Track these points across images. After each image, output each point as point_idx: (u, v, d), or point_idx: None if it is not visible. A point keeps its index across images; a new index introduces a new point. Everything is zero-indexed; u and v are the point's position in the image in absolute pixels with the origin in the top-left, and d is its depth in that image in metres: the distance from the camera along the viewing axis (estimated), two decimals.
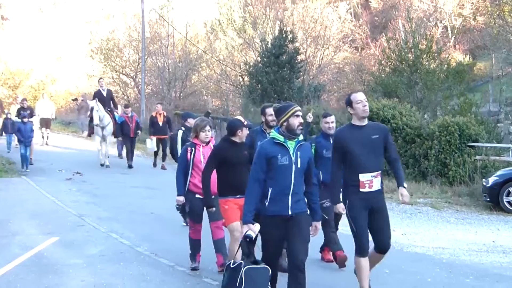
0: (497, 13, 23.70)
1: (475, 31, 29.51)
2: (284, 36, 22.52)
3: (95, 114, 14.53)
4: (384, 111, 14.15)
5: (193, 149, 6.07)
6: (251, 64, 23.89)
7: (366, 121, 4.94)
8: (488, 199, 10.89)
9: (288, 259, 4.60)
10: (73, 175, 13.38)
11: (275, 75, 21.70)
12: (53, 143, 19.42)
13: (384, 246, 4.90)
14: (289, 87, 21.71)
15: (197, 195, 6.01)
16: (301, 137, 4.61)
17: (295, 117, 4.51)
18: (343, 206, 4.84)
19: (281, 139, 4.50)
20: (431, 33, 22.37)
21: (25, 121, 13.89)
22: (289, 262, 4.55)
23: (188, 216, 6.36)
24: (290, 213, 4.49)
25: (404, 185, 4.97)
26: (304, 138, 5.07)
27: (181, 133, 8.12)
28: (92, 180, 12.85)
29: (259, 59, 23.55)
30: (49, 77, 33.61)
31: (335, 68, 30.91)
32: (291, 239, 4.50)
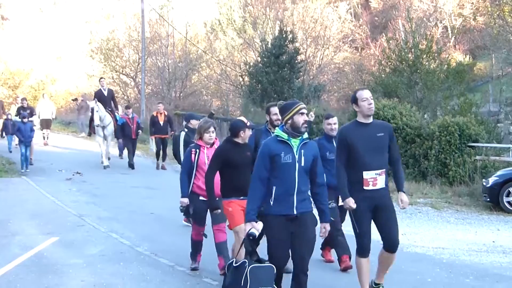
0: (497, 13, 23.69)
1: (475, 31, 29.50)
2: (284, 36, 22.52)
3: (96, 114, 14.52)
4: (384, 111, 14.15)
5: (197, 151, 6.03)
6: (251, 64, 23.90)
7: (371, 119, 4.90)
8: (488, 199, 10.89)
9: (292, 260, 4.52)
10: (73, 175, 13.38)
11: (275, 75, 21.70)
12: (53, 143, 19.42)
13: (391, 243, 4.80)
14: (289, 87, 21.71)
15: (201, 197, 5.96)
16: (306, 135, 4.53)
17: (300, 114, 4.44)
18: (353, 200, 4.73)
19: (285, 137, 4.44)
20: (431, 33, 22.36)
21: (25, 121, 13.86)
22: (294, 263, 4.49)
23: (191, 218, 6.31)
24: (295, 212, 4.41)
25: (403, 190, 4.94)
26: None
27: (183, 135, 8.11)
28: (92, 180, 12.85)
29: (259, 59, 23.56)
30: (49, 77, 33.60)
31: (335, 68, 30.91)
32: (296, 240, 4.42)
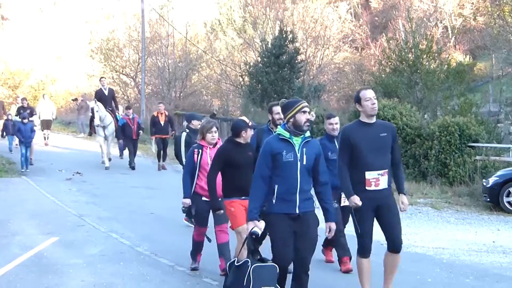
0: (497, 13, 23.68)
1: (475, 31, 29.50)
2: (284, 36, 22.52)
3: (96, 114, 14.49)
4: (384, 111, 14.14)
5: (200, 151, 5.98)
6: (251, 64, 23.90)
7: (374, 119, 4.86)
8: (488, 199, 10.88)
9: (294, 260, 4.48)
10: (73, 175, 13.38)
11: (275, 75, 21.70)
12: (53, 143, 19.42)
13: (394, 243, 4.74)
14: (289, 87, 21.70)
15: (203, 198, 5.92)
16: (308, 134, 4.49)
17: (302, 113, 4.40)
18: (358, 197, 4.64)
19: (287, 135, 4.41)
20: (431, 33, 22.35)
21: (25, 122, 13.82)
22: (295, 263, 4.47)
23: (193, 219, 6.26)
24: (297, 211, 4.38)
25: (404, 192, 4.91)
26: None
27: (184, 135, 8.07)
28: (92, 180, 12.85)
29: (259, 59, 23.56)
30: (49, 77, 33.61)
31: (335, 68, 30.91)
32: (298, 240, 4.39)
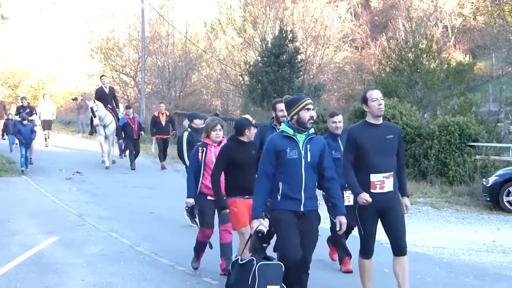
0: (497, 12, 23.69)
1: (475, 31, 29.50)
2: (284, 35, 22.54)
3: (95, 114, 14.43)
4: (384, 110, 14.14)
5: (204, 149, 5.90)
6: (251, 63, 23.91)
7: (381, 120, 4.79)
8: (488, 199, 10.88)
9: None
10: (73, 174, 13.37)
11: (275, 75, 21.71)
12: (53, 143, 19.41)
13: (398, 246, 4.68)
14: (289, 87, 21.71)
15: (208, 197, 5.83)
16: (312, 131, 4.43)
17: (306, 110, 4.35)
18: (367, 194, 4.55)
19: (291, 132, 4.37)
20: (431, 33, 22.35)
21: (25, 123, 13.76)
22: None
23: (198, 219, 6.16)
24: (302, 209, 4.34)
25: (407, 195, 4.88)
26: None
27: (186, 135, 8.03)
28: (92, 179, 12.85)
29: (259, 59, 23.58)
30: (49, 76, 33.65)
31: (335, 67, 30.94)
32: (300, 239, 4.35)
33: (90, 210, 9.61)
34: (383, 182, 4.62)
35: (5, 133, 17.56)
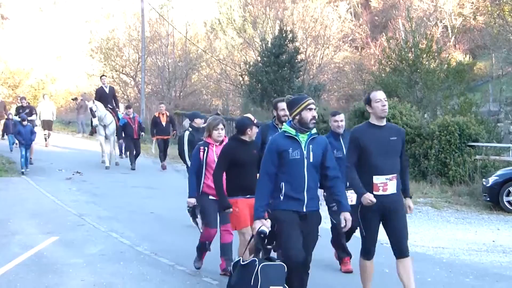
0: (497, 12, 23.70)
1: (475, 31, 29.51)
2: (284, 35, 22.54)
3: (95, 114, 14.41)
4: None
5: (206, 149, 5.85)
6: (251, 63, 23.92)
7: (384, 122, 4.73)
8: (488, 199, 10.89)
9: None
10: (73, 174, 13.37)
11: (275, 75, 21.72)
12: (53, 143, 19.39)
13: (400, 249, 4.65)
14: (289, 87, 21.71)
15: (210, 197, 5.80)
16: (314, 131, 4.39)
17: (308, 110, 4.32)
18: (371, 194, 4.50)
19: (293, 132, 4.33)
20: (431, 33, 22.36)
21: (25, 124, 13.74)
22: None
23: (201, 219, 6.12)
24: (304, 210, 4.32)
25: (410, 196, 4.86)
26: None
27: (187, 134, 8.01)
28: (92, 179, 12.84)
29: (259, 59, 23.59)
30: (49, 76, 33.64)
31: (335, 67, 30.96)
32: (302, 239, 4.32)
33: (90, 210, 9.61)
34: (385, 184, 4.59)
35: (5, 133, 17.54)
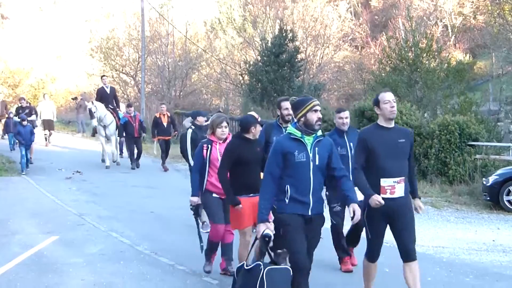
0: (497, 12, 23.71)
1: (475, 30, 29.52)
2: (284, 35, 22.52)
3: (94, 115, 14.38)
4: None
5: (209, 146, 5.81)
6: (251, 63, 23.90)
7: (393, 123, 4.67)
8: (488, 198, 10.88)
9: None
10: (73, 174, 13.36)
11: (275, 74, 21.70)
12: (53, 142, 19.38)
13: (407, 252, 4.59)
14: (289, 86, 21.70)
15: (214, 195, 5.76)
16: (320, 133, 4.35)
17: (314, 112, 4.27)
18: (379, 196, 4.44)
19: (298, 134, 4.27)
20: (431, 32, 22.34)
21: (24, 124, 13.72)
22: None
23: (208, 216, 6.09)
24: (310, 213, 4.27)
25: (419, 197, 4.83)
26: None
27: (190, 132, 8.00)
28: (92, 179, 12.84)
29: (259, 58, 23.57)
30: (49, 76, 33.64)
31: (335, 67, 30.96)
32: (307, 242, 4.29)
33: (90, 209, 9.61)
34: (393, 187, 4.53)
35: (5, 132, 17.53)
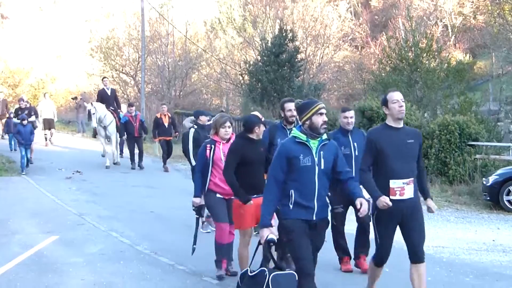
0: (497, 12, 23.72)
1: (475, 30, 29.52)
2: (284, 35, 22.51)
3: (93, 117, 14.35)
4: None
5: (212, 146, 5.77)
6: (251, 63, 23.89)
7: (402, 124, 4.61)
8: (488, 198, 10.88)
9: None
10: (73, 173, 13.36)
11: (275, 74, 21.69)
12: (53, 142, 19.38)
13: (415, 253, 4.58)
14: (289, 86, 21.70)
15: (218, 195, 5.74)
16: (325, 136, 4.26)
17: (319, 115, 4.18)
18: (387, 198, 4.38)
19: (303, 138, 4.18)
20: (431, 32, 22.36)
21: (25, 123, 13.70)
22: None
23: (211, 216, 6.05)
24: (314, 218, 4.20)
25: (431, 197, 4.79)
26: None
27: (193, 132, 7.97)
28: (92, 179, 12.84)
29: (259, 58, 23.56)
30: (49, 75, 33.60)
31: (335, 67, 30.95)
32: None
33: (90, 209, 9.61)
34: (403, 188, 4.47)
35: (6, 131, 17.51)
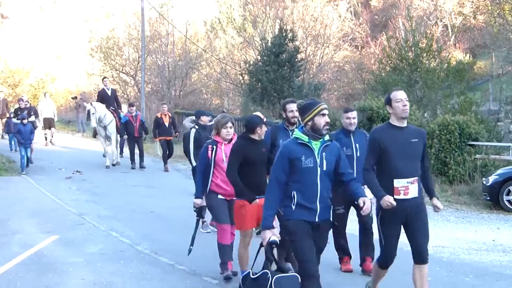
0: (497, 11, 23.72)
1: (475, 30, 29.51)
2: (284, 34, 22.49)
3: (92, 117, 14.34)
4: (384, 109, 14.15)
5: (214, 147, 5.74)
6: (251, 62, 23.87)
7: (405, 123, 4.58)
8: (488, 198, 10.89)
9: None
10: (73, 173, 13.36)
11: (275, 74, 21.68)
12: (54, 142, 19.39)
13: (420, 254, 4.52)
14: (289, 86, 21.69)
15: (219, 196, 5.71)
16: (327, 137, 4.25)
17: (321, 116, 4.16)
18: (391, 197, 4.35)
19: (305, 139, 4.16)
20: (431, 32, 22.36)
21: (25, 122, 13.68)
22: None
23: (213, 217, 6.02)
24: (317, 220, 4.19)
25: (437, 196, 4.77)
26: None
27: (194, 132, 7.95)
28: (92, 178, 12.84)
29: (259, 58, 23.54)
30: (49, 75, 33.60)
31: (335, 66, 30.94)
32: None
33: (90, 209, 9.61)
34: (407, 187, 4.45)
35: (6, 131, 17.50)
